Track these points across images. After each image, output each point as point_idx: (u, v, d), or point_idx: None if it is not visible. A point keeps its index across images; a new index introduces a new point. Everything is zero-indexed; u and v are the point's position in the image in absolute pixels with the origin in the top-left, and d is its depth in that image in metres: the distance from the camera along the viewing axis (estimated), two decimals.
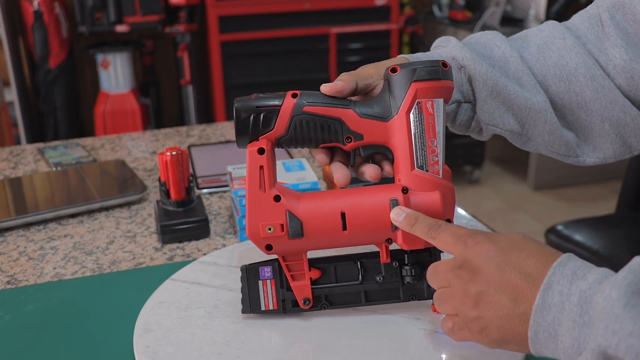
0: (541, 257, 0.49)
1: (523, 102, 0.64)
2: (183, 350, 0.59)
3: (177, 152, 0.85)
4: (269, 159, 0.59)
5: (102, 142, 1.26)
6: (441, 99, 0.58)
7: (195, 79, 3.07)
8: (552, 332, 0.47)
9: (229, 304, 0.65)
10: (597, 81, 0.64)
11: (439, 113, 0.58)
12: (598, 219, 1.64)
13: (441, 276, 0.54)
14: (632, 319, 0.42)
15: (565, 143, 0.66)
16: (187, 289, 0.69)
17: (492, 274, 0.49)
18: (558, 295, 0.46)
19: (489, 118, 0.65)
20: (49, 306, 0.70)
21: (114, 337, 0.64)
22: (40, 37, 2.83)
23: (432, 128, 0.58)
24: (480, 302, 0.50)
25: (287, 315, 0.63)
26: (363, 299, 0.62)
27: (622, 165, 1.77)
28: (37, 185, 1.02)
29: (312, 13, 2.95)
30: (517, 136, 0.67)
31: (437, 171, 0.59)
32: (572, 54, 0.64)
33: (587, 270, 0.47)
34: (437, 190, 0.59)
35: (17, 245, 0.85)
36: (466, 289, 0.50)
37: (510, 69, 0.65)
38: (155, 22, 2.88)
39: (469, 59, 0.63)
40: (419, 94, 0.58)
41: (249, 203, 0.59)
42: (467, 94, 0.64)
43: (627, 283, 0.44)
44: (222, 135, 1.28)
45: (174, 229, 0.83)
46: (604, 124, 0.65)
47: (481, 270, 0.50)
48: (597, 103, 0.64)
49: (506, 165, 3.42)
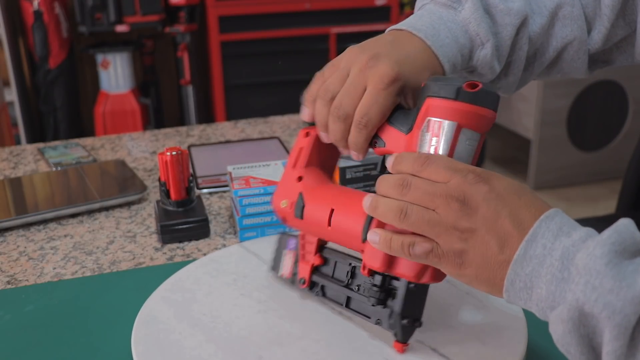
0: (535, 207, 0.48)
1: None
2: (183, 350, 0.59)
3: (177, 152, 0.85)
4: (310, 144, 0.64)
5: (102, 142, 1.26)
6: (454, 122, 0.52)
7: (195, 79, 3.07)
8: (528, 282, 0.47)
9: (229, 304, 0.66)
10: (579, 54, 0.68)
11: (446, 137, 0.53)
12: (598, 219, 1.63)
13: (428, 198, 0.50)
14: (613, 277, 0.42)
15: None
16: (187, 289, 0.69)
17: (489, 216, 0.48)
18: (541, 248, 0.46)
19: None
20: (49, 306, 0.70)
21: (114, 337, 0.64)
22: (40, 37, 2.83)
23: (435, 151, 0.53)
24: (470, 239, 0.49)
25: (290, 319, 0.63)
26: (344, 302, 0.62)
27: (622, 165, 1.77)
28: (37, 185, 1.02)
29: (312, 13, 2.95)
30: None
31: None
32: (574, 26, 0.67)
33: (573, 228, 0.47)
34: None
35: (17, 245, 0.85)
36: (458, 223, 0.49)
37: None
38: (155, 22, 2.88)
39: (485, 38, 0.63)
40: (430, 111, 0.54)
41: (281, 177, 0.66)
42: (475, 40, 0.64)
43: (612, 242, 0.44)
44: (222, 135, 1.28)
45: (174, 229, 0.83)
46: (557, 74, 0.71)
47: (479, 210, 0.49)
48: (566, 65, 0.69)
49: (506, 165, 3.42)
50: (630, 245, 0.44)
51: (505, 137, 3.66)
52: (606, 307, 0.42)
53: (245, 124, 1.34)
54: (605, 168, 3.14)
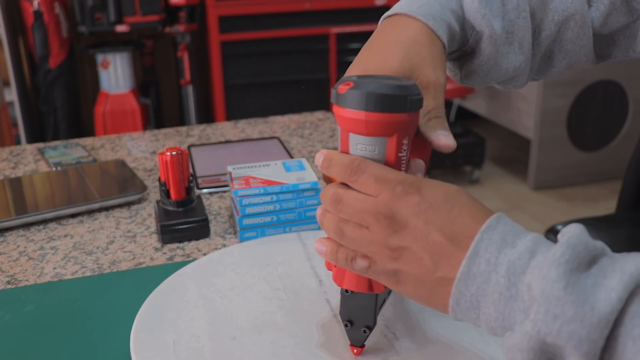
0: (472, 216, 0.45)
1: (510, 74, 0.65)
2: (182, 350, 0.59)
3: (177, 152, 0.85)
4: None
5: (102, 142, 1.26)
6: (339, 127, 0.51)
7: (195, 79, 3.07)
8: (474, 302, 0.44)
9: (229, 304, 0.66)
10: (583, 30, 0.66)
11: (340, 142, 0.52)
12: (598, 219, 1.64)
13: (359, 215, 0.48)
14: (574, 302, 0.39)
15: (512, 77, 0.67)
16: (187, 289, 0.69)
17: (419, 232, 0.45)
18: (485, 264, 0.43)
19: (471, 80, 0.65)
20: (49, 306, 0.70)
21: (114, 337, 0.64)
22: (40, 37, 2.83)
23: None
24: (401, 258, 0.46)
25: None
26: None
27: (622, 165, 1.77)
28: (37, 185, 1.02)
29: (312, 13, 2.95)
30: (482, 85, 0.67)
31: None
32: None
33: (517, 236, 0.44)
34: None
35: (17, 245, 0.85)
36: (388, 241, 0.47)
37: (517, 25, 0.64)
38: (155, 22, 2.89)
39: (487, 36, 0.61)
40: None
41: None
42: (466, 44, 0.63)
43: (566, 260, 0.41)
44: (222, 135, 1.28)
45: (174, 229, 0.83)
46: (563, 60, 0.69)
47: (408, 226, 0.46)
48: (570, 44, 0.67)
49: (506, 165, 3.42)
50: (584, 257, 0.41)
51: (505, 137, 3.66)
52: (571, 337, 0.39)
53: (245, 124, 1.34)
54: (605, 168, 3.14)
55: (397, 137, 0.49)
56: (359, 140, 0.50)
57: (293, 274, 0.71)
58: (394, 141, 0.49)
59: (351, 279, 0.54)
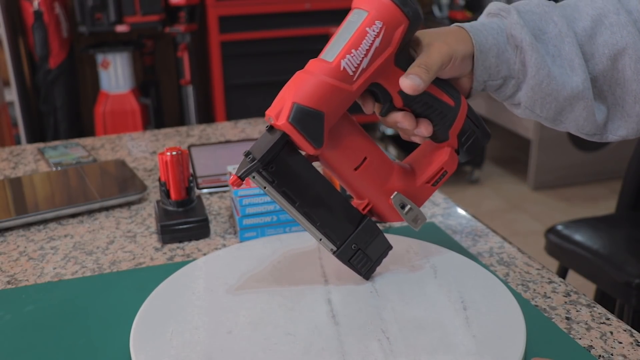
0: None
1: (569, 92, 0.64)
2: (182, 350, 0.59)
3: (177, 152, 0.85)
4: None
5: (102, 142, 1.26)
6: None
7: (195, 79, 3.07)
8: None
9: (229, 304, 0.66)
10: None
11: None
12: (598, 219, 1.64)
13: None
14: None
15: (596, 125, 0.67)
16: (186, 289, 0.69)
17: None
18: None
19: (531, 104, 0.66)
20: (49, 306, 0.70)
21: (114, 337, 0.64)
22: (40, 37, 2.83)
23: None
24: None
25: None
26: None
27: (622, 165, 1.77)
28: (37, 185, 1.02)
29: (312, 13, 2.95)
30: (551, 121, 0.68)
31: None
32: (623, 32, 0.65)
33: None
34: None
35: (17, 245, 0.85)
36: None
37: (564, 50, 0.65)
38: (155, 22, 2.89)
39: (527, 43, 0.63)
40: None
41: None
42: (518, 73, 0.65)
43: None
44: (222, 135, 1.28)
45: (174, 229, 0.83)
46: (635, 105, 0.66)
47: None
48: (635, 84, 0.65)
49: (506, 165, 3.42)
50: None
51: (505, 137, 3.66)
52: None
53: (245, 124, 1.34)
54: (605, 168, 3.14)
55: (371, 14, 0.59)
56: (353, 13, 0.60)
57: (294, 274, 0.71)
58: (368, 16, 0.59)
59: (276, 107, 0.59)
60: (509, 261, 0.77)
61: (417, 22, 0.60)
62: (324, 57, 0.60)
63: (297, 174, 0.62)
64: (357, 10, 0.60)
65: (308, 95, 0.59)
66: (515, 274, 0.74)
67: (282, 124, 0.58)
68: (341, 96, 0.59)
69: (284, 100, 0.59)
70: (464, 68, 0.64)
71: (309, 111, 0.58)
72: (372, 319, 0.62)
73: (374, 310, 0.63)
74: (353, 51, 0.59)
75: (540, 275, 0.74)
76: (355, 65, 0.59)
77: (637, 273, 1.38)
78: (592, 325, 0.64)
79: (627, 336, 0.62)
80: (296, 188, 0.62)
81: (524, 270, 0.75)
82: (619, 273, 1.41)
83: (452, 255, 0.74)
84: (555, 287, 0.71)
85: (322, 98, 0.59)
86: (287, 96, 0.59)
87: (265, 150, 0.59)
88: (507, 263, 0.77)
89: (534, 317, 0.64)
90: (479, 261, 0.77)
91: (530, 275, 0.74)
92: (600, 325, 0.64)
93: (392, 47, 0.60)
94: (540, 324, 0.64)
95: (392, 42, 0.60)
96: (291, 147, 0.61)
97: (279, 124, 0.59)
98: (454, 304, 0.64)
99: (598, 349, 0.60)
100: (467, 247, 0.81)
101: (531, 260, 0.77)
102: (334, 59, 0.59)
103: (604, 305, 0.91)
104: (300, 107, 0.58)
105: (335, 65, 0.59)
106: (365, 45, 0.59)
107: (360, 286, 0.68)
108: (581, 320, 0.65)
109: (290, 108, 0.58)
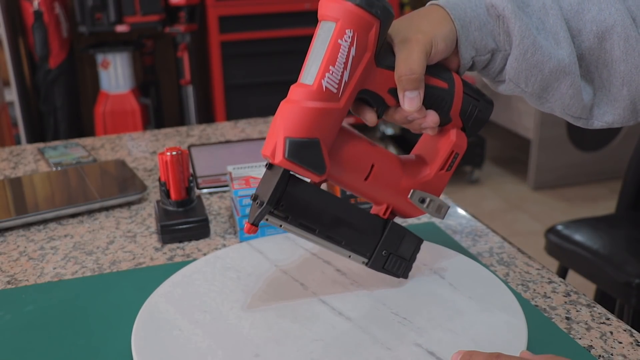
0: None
1: (555, 65, 0.62)
2: (183, 350, 0.59)
3: (177, 152, 0.85)
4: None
5: (102, 142, 1.26)
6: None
7: (195, 79, 3.07)
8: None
9: (229, 305, 0.66)
10: (630, 43, 0.62)
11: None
12: (598, 219, 1.64)
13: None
14: None
15: (583, 106, 0.65)
16: (187, 289, 0.69)
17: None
18: None
19: (515, 76, 0.63)
20: (49, 306, 0.70)
21: (114, 337, 0.64)
22: (40, 37, 2.83)
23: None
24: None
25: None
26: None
27: (622, 165, 1.77)
28: (37, 185, 1.02)
29: (312, 13, 2.95)
30: (536, 97, 0.65)
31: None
32: (612, 9, 0.62)
33: None
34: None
35: (17, 245, 0.85)
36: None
37: (548, 23, 0.63)
38: (155, 22, 2.89)
39: (510, 11, 0.61)
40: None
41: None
42: (504, 44, 0.62)
43: None
44: (222, 135, 1.28)
45: (174, 229, 0.83)
46: (622, 88, 0.64)
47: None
48: (623, 65, 0.63)
49: (506, 165, 3.42)
50: None
51: (505, 137, 3.66)
52: None
53: (245, 124, 1.34)
54: (605, 168, 3.14)
55: (340, 25, 0.56)
56: (321, 25, 0.58)
57: (294, 273, 0.71)
58: (337, 27, 0.56)
59: (269, 145, 0.57)
60: (509, 261, 0.77)
61: (389, 19, 0.58)
62: (304, 81, 0.58)
63: (308, 203, 0.60)
64: (324, 23, 0.58)
65: (297, 126, 0.56)
66: (515, 274, 0.74)
67: (280, 162, 0.56)
68: (331, 117, 0.57)
69: (276, 136, 0.57)
70: (449, 47, 0.61)
71: (303, 142, 0.56)
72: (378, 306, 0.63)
73: (375, 304, 0.64)
74: (331, 68, 0.56)
75: (540, 275, 0.74)
76: (337, 82, 0.57)
77: (637, 273, 1.38)
78: (592, 325, 0.64)
79: (627, 336, 0.62)
80: (311, 216, 0.60)
81: (524, 270, 0.75)
82: (619, 273, 1.41)
83: (452, 255, 0.74)
84: (555, 287, 0.71)
85: (313, 125, 0.56)
86: (277, 132, 0.57)
87: (271, 191, 0.57)
88: (507, 263, 0.77)
89: (534, 317, 0.64)
90: (479, 261, 0.77)
91: (530, 275, 0.74)
92: (600, 325, 0.64)
93: (370, 51, 0.57)
94: (540, 324, 0.64)
95: (368, 46, 0.57)
96: (295, 179, 0.59)
97: (277, 162, 0.57)
98: (454, 303, 0.64)
99: (598, 349, 0.60)
100: (467, 247, 0.81)
101: (531, 260, 0.77)
102: (313, 81, 0.57)
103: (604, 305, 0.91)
104: (294, 141, 0.56)
105: (317, 87, 0.56)
106: (341, 58, 0.56)
107: (353, 291, 0.68)
108: (581, 320, 0.65)
109: (284, 144, 0.56)
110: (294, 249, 0.76)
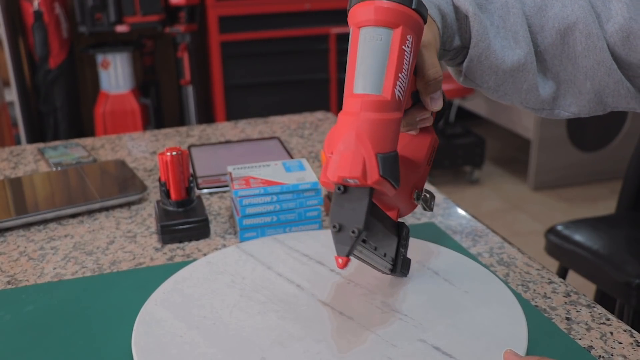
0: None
1: (509, 66, 0.64)
2: (183, 350, 0.59)
3: (177, 152, 0.85)
4: None
5: (102, 142, 1.26)
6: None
7: (195, 79, 3.07)
8: None
9: (230, 305, 0.66)
10: (592, 40, 0.63)
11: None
12: (598, 219, 1.64)
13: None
14: None
15: (541, 100, 0.67)
16: (187, 290, 0.69)
17: None
18: None
19: (470, 74, 0.66)
20: (49, 306, 0.70)
21: (114, 337, 0.64)
22: (40, 37, 2.83)
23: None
24: None
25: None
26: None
27: (622, 165, 1.77)
28: (37, 185, 1.02)
29: (312, 13, 2.95)
30: (493, 92, 0.67)
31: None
32: (575, 6, 0.64)
33: None
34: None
35: (17, 245, 0.85)
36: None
37: (509, 21, 0.64)
38: (155, 22, 2.88)
39: (471, 13, 0.62)
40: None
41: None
42: (469, 41, 0.64)
43: None
44: (222, 135, 1.28)
45: (174, 229, 0.83)
46: (586, 82, 0.66)
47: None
48: (585, 60, 0.64)
49: (506, 165, 3.42)
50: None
51: (505, 137, 3.66)
52: None
53: (245, 124, 1.34)
54: (605, 168, 3.14)
55: (402, 30, 0.54)
56: (367, 32, 0.55)
57: (289, 275, 0.71)
58: (398, 33, 0.54)
59: (344, 165, 0.53)
60: (509, 261, 0.77)
61: (426, 21, 0.57)
62: (365, 91, 0.54)
63: (376, 220, 0.58)
64: (374, 29, 0.55)
65: (382, 140, 0.54)
66: (515, 274, 0.74)
67: (375, 181, 0.53)
68: (399, 124, 0.56)
69: (360, 155, 0.53)
70: (438, 45, 0.63)
71: (388, 156, 0.54)
72: (377, 305, 0.63)
73: (374, 302, 0.64)
74: (400, 75, 0.55)
75: (540, 275, 0.74)
76: (404, 89, 0.55)
77: (637, 273, 1.38)
78: (592, 326, 0.64)
79: (627, 336, 0.62)
80: (376, 234, 0.58)
81: (524, 271, 0.75)
82: (619, 273, 1.41)
83: (452, 255, 0.74)
84: (555, 288, 0.71)
85: (392, 137, 0.55)
86: (362, 150, 0.53)
87: (363, 215, 0.53)
88: (507, 263, 0.77)
89: (534, 318, 0.64)
90: (479, 261, 0.77)
91: (530, 276, 0.74)
92: (600, 326, 0.64)
93: (415, 55, 0.56)
94: (541, 325, 0.64)
95: (417, 50, 0.57)
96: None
97: (371, 181, 0.53)
98: (453, 299, 0.64)
99: (598, 349, 0.60)
100: (467, 247, 0.81)
101: (531, 260, 0.77)
102: (382, 90, 0.54)
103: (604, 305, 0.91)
104: (383, 156, 0.53)
105: (392, 97, 0.54)
106: (406, 65, 0.55)
107: (351, 290, 0.68)
108: (581, 320, 0.65)
109: (377, 161, 0.53)
110: (284, 250, 0.76)
